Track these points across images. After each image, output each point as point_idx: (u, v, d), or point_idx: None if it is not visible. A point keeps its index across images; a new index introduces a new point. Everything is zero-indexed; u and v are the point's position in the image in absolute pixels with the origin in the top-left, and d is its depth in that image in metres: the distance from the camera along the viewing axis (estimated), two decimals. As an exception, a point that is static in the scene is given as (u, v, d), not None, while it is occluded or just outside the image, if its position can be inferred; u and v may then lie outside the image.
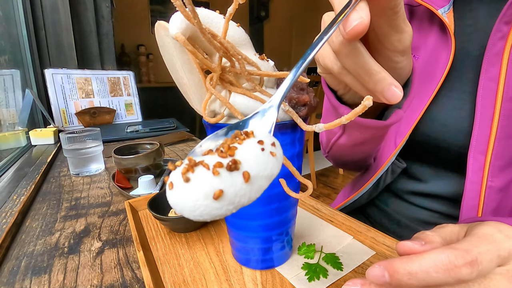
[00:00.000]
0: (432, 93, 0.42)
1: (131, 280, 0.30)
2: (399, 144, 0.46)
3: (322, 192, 2.24)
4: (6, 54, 1.00)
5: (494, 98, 0.36)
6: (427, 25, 0.45)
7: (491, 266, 0.18)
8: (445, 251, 0.17)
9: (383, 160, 0.50)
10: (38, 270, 0.32)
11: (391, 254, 0.33)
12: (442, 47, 0.42)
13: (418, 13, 0.47)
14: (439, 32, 0.43)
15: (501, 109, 0.36)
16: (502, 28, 0.36)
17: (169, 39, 0.23)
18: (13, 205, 0.45)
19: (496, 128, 0.36)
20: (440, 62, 0.42)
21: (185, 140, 0.94)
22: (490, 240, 0.18)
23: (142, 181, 0.51)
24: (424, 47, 0.45)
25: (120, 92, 1.28)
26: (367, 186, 0.52)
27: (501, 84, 0.36)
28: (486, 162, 0.37)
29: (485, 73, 0.37)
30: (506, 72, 0.35)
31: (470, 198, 0.39)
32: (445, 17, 0.41)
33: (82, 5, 1.32)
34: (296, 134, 0.26)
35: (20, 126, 0.94)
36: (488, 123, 0.37)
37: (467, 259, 0.17)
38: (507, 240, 0.19)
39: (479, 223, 0.21)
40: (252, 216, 0.28)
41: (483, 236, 0.19)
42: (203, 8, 0.22)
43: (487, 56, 0.37)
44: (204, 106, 0.25)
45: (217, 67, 0.22)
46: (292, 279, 0.29)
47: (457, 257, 0.17)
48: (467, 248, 0.17)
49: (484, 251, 0.17)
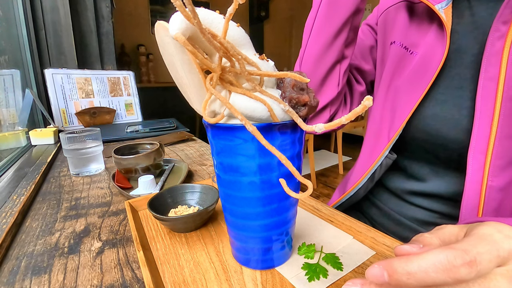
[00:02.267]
0: (425, 88, 0.43)
1: (131, 280, 0.30)
2: (392, 137, 0.47)
3: (322, 192, 2.24)
4: (6, 54, 1.00)
5: (494, 98, 0.36)
6: (426, 22, 0.45)
7: (490, 266, 0.18)
8: (444, 251, 0.17)
9: (377, 153, 0.50)
10: (38, 270, 0.32)
11: (391, 254, 0.33)
12: (439, 43, 0.43)
13: (418, 10, 0.47)
14: (437, 29, 0.43)
15: (501, 109, 0.36)
16: (500, 27, 0.36)
17: (169, 39, 0.23)
18: (13, 205, 0.45)
19: (496, 127, 0.36)
20: (435, 58, 0.43)
21: (185, 140, 0.94)
22: (489, 240, 0.18)
23: (142, 181, 0.51)
24: (422, 43, 0.45)
25: (120, 92, 1.28)
26: (362, 180, 0.53)
27: (500, 83, 0.36)
28: (486, 161, 0.37)
29: (484, 72, 0.37)
30: (506, 72, 0.35)
31: (470, 197, 0.39)
32: (442, 13, 0.41)
33: (82, 5, 1.32)
34: (296, 134, 0.26)
35: (20, 126, 0.94)
36: (488, 123, 0.37)
37: (466, 259, 0.17)
38: (507, 240, 0.19)
39: (479, 224, 0.21)
40: (252, 216, 0.28)
41: (482, 236, 0.19)
42: (203, 8, 0.22)
43: (486, 56, 0.37)
44: (204, 106, 0.25)
45: (217, 67, 0.22)
46: (292, 279, 0.29)
47: (456, 257, 0.17)
48: (466, 248, 0.17)
49: (483, 251, 0.17)
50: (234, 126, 0.24)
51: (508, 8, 0.35)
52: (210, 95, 0.24)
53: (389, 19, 0.51)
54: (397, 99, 0.47)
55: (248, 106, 0.23)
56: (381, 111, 0.51)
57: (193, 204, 0.43)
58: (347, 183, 0.58)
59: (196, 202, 0.43)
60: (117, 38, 2.15)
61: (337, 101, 0.56)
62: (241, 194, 0.27)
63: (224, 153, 0.26)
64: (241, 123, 0.22)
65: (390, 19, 0.51)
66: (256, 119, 0.24)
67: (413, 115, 0.45)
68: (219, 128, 0.26)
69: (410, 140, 0.48)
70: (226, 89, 0.24)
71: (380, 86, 0.52)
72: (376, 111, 0.53)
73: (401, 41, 0.48)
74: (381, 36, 0.53)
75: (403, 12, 0.49)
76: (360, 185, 0.53)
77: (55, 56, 1.24)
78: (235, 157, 0.26)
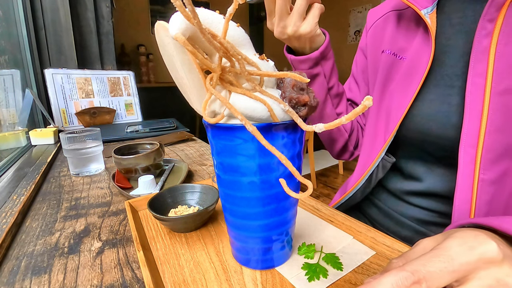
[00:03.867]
0: (415, 90, 0.45)
1: (131, 280, 0.30)
2: (387, 139, 0.49)
3: (322, 192, 2.24)
4: (6, 54, 1.00)
5: (482, 93, 0.38)
6: (414, 27, 0.48)
7: (442, 283, 0.18)
8: (396, 273, 0.18)
9: (373, 155, 0.52)
10: (38, 270, 0.32)
11: (391, 254, 0.33)
12: (425, 47, 0.45)
13: (406, 16, 0.50)
14: (423, 33, 0.46)
15: (490, 103, 0.37)
16: (486, 25, 0.37)
17: (169, 39, 0.23)
18: (13, 205, 0.45)
19: (486, 122, 0.37)
20: (422, 61, 0.45)
21: (185, 140, 0.94)
22: (445, 256, 0.19)
23: (142, 181, 0.51)
24: (410, 48, 0.48)
25: (120, 92, 1.28)
26: (360, 182, 0.54)
27: (488, 79, 0.37)
28: (477, 155, 0.38)
29: (472, 69, 0.39)
30: (493, 67, 0.37)
31: (463, 191, 0.40)
32: (427, 18, 0.44)
33: (82, 5, 1.32)
34: (296, 134, 0.26)
35: (20, 126, 0.94)
36: (478, 117, 0.38)
37: (414, 279, 0.18)
38: (468, 252, 0.19)
39: (450, 234, 0.22)
40: (252, 216, 0.28)
41: (440, 251, 0.19)
42: (203, 8, 0.22)
43: (473, 53, 0.39)
44: (204, 106, 0.25)
45: (217, 67, 0.22)
46: (292, 279, 0.29)
47: (406, 278, 0.18)
48: (415, 269, 0.18)
49: (433, 270, 0.18)
50: (234, 126, 0.24)
51: (493, 6, 0.37)
52: (210, 95, 0.24)
53: (378, 31, 0.55)
54: (391, 103, 0.49)
55: (248, 106, 0.23)
56: (376, 115, 0.53)
57: (193, 204, 0.43)
58: (347, 185, 0.60)
59: (196, 202, 0.43)
60: (117, 38, 2.15)
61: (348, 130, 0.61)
62: (241, 194, 0.27)
63: (224, 153, 0.26)
64: (241, 123, 0.22)
65: (379, 31, 0.54)
66: (256, 119, 0.24)
67: (406, 116, 0.47)
68: (219, 128, 0.26)
69: (405, 140, 0.49)
70: (226, 89, 0.24)
71: (375, 92, 0.54)
72: (371, 116, 0.55)
73: (390, 49, 0.51)
74: (372, 48, 0.56)
75: (391, 21, 0.52)
76: (358, 186, 0.55)
77: (55, 56, 1.24)
78: (235, 157, 0.26)
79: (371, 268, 0.31)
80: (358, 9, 3.25)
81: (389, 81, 0.50)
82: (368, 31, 0.57)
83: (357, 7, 3.25)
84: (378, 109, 0.52)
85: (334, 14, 3.45)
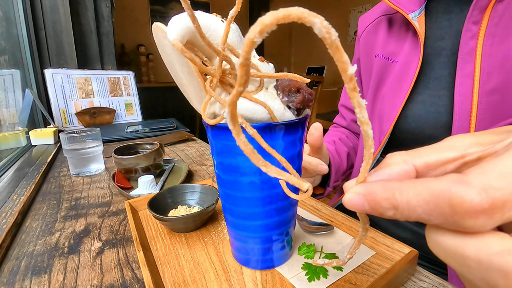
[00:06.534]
0: (407, 92, 0.46)
1: (131, 280, 0.30)
2: (382, 141, 0.50)
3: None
4: (6, 54, 1.00)
5: (471, 94, 0.38)
6: (404, 30, 0.49)
7: None
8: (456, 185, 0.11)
9: None
10: (38, 270, 0.32)
11: (391, 254, 0.33)
12: (415, 50, 0.46)
13: (396, 21, 0.50)
14: (413, 37, 0.47)
15: (478, 104, 0.38)
16: (471, 28, 0.38)
17: (167, 41, 0.23)
18: (13, 205, 0.46)
19: (475, 121, 0.38)
20: (412, 64, 0.46)
21: (185, 140, 0.94)
22: None
23: (142, 181, 0.51)
24: (401, 51, 0.48)
25: (120, 92, 1.28)
26: None
27: (476, 80, 0.38)
28: None
29: (460, 70, 0.39)
30: (480, 68, 0.37)
31: None
32: (415, 21, 0.44)
33: (82, 5, 1.32)
34: (297, 134, 0.26)
35: (20, 126, 0.94)
36: (467, 117, 0.39)
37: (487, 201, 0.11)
38: None
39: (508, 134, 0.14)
40: (252, 216, 0.28)
41: None
42: (201, 11, 0.22)
43: (460, 55, 0.40)
44: (203, 107, 0.25)
45: (216, 71, 0.22)
46: (292, 279, 0.29)
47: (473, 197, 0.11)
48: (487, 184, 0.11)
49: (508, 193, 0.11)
50: (234, 127, 0.24)
51: (477, 9, 0.37)
52: (210, 97, 0.24)
53: (370, 36, 0.55)
54: (384, 106, 0.50)
55: (249, 108, 0.23)
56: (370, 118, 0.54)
57: (193, 204, 0.43)
58: None
59: (196, 202, 0.43)
60: (117, 38, 2.15)
61: None
62: (241, 194, 0.27)
63: (224, 153, 0.27)
64: (241, 123, 0.22)
65: (371, 35, 0.55)
66: (257, 121, 0.24)
67: (399, 117, 0.47)
68: (219, 128, 0.26)
69: (399, 142, 0.50)
70: (226, 91, 0.25)
71: (368, 96, 0.55)
72: None
73: (382, 53, 0.51)
74: (365, 53, 0.57)
75: (382, 26, 0.53)
76: None
77: (55, 56, 1.24)
78: (235, 157, 0.26)
79: (371, 268, 0.31)
80: (358, 9, 3.25)
81: (382, 84, 0.51)
82: (360, 37, 0.58)
83: (357, 7, 3.25)
84: (372, 112, 0.53)
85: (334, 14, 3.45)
